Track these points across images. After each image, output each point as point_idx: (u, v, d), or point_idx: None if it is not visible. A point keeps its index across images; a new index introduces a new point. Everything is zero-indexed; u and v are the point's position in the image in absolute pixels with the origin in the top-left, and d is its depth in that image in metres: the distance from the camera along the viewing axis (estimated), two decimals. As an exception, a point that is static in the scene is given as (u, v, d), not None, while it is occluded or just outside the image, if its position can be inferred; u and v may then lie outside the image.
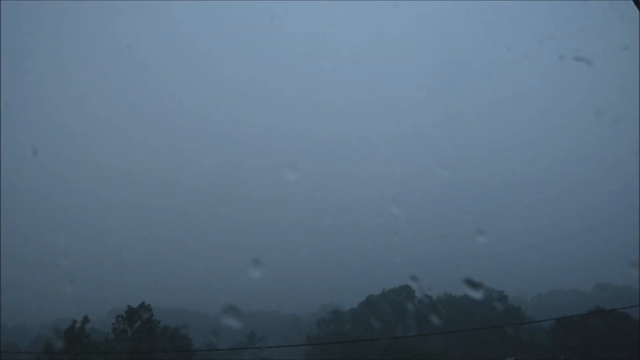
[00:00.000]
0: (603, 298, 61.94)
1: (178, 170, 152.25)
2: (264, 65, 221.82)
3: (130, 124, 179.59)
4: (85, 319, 46.22)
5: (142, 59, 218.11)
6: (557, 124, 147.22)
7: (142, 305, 52.14)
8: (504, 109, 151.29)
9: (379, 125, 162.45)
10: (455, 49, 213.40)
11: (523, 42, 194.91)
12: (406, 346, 49.58)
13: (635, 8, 5.04)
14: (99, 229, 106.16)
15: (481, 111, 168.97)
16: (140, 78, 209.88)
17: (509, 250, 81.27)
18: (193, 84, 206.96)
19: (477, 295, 46.01)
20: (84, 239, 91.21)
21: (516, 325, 58.29)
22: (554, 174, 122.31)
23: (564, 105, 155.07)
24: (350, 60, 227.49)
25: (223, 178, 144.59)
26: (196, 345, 52.12)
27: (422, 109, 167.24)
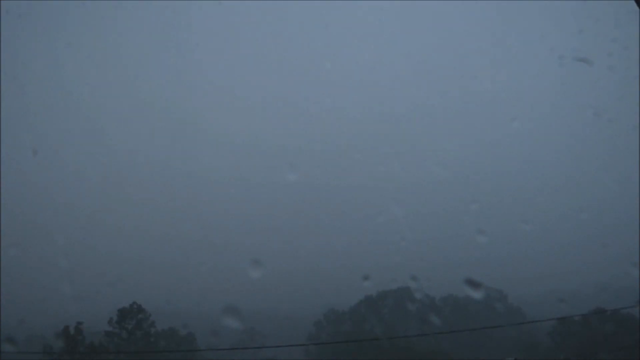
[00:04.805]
0: (603, 298, 61.92)
1: (178, 170, 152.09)
2: (264, 66, 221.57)
3: (130, 123, 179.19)
4: (79, 324, 45.68)
5: (142, 58, 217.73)
6: (557, 123, 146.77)
7: (134, 305, 51.13)
8: (503, 109, 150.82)
9: (379, 125, 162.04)
10: (454, 48, 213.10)
11: (523, 42, 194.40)
12: (406, 346, 49.60)
13: (635, 8, 5.06)
14: (99, 229, 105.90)
15: (480, 111, 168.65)
16: (141, 78, 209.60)
17: (509, 251, 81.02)
18: (193, 84, 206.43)
19: (477, 295, 46.02)
20: (85, 238, 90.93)
21: (516, 325, 58.35)
22: (553, 173, 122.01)
23: (563, 105, 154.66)
24: (351, 61, 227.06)
25: (223, 178, 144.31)
26: (196, 344, 52.11)
27: (422, 109, 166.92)
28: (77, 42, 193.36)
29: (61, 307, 53.42)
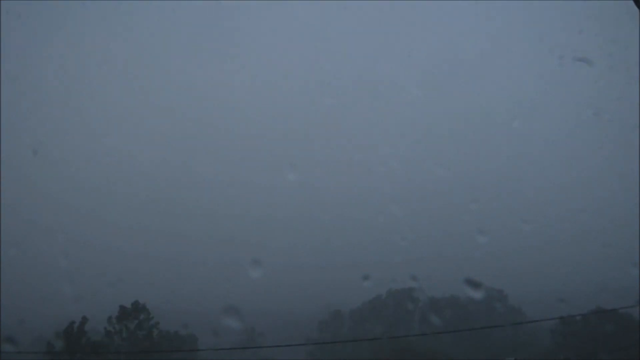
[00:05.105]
0: (603, 298, 62.09)
1: (178, 170, 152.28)
2: (264, 65, 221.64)
3: (130, 123, 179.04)
4: (84, 319, 46.20)
5: (142, 59, 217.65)
6: (557, 123, 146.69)
7: (136, 304, 51.50)
8: (503, 109, 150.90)
9: (379, 125, 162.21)
10: (454, 48, 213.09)
11: (523, 42, 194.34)
12: (407, 346, 49.67)
13: (635, 8, 5.07)
14: (99, 229, 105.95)
15: (480, 110, 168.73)
16: (141, 78, 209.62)
17: (509, 250, 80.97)
18: (194, 83, 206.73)
19: (477, 295, 46.09)
20: (85, 238, 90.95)
21: (516, 325, 58.43)
22: (553, 173, 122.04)
23: (563, 105, 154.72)
24: (350, 60, 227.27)
25: (223, 177, 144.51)
26: (197, 344, 52.20)
27: (422, 109, 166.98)
28: (77, 42, 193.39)
29: (61, 307, 53.46)
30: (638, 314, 43.34)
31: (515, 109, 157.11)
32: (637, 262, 34.01)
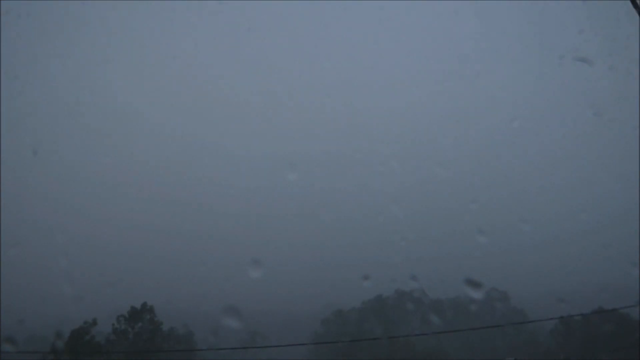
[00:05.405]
0: (603, 298, 62.08)
1: (178, 171, 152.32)
2: (264, 64, 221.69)
3: (130, 124, 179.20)
4: (94, 322, 46.29)
5: (142, 59, 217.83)
6: (557, 123, 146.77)
7: (144, 306, 52.49)
8: (503, 109, 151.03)
9: (379, 125, 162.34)
10: (454, 48, 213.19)
11: (523, 42, 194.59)
12: (409, 347, 49.70)
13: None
14: (99, 229, 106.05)
15: (480, 111, 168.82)
16: (141, 78, 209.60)
17: (509, 251, 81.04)
18: (194, 83, 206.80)
19: (476, 295, 46.02)
20: (85, 238, 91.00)
21: (517, 325, 58.42)
22: (554, 173, 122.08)
23: (564, 105, 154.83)
24: (350, 60, 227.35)
25: (224, 177, 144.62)
26: (197, 345, 52.31)
27: (422, 108, 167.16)
28: (78, 42, 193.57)
29: (61, 307, 53.55)
30: (638, 314, 43.35)
31: (515, 108, 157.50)
32: (637, 262, 33.97)
